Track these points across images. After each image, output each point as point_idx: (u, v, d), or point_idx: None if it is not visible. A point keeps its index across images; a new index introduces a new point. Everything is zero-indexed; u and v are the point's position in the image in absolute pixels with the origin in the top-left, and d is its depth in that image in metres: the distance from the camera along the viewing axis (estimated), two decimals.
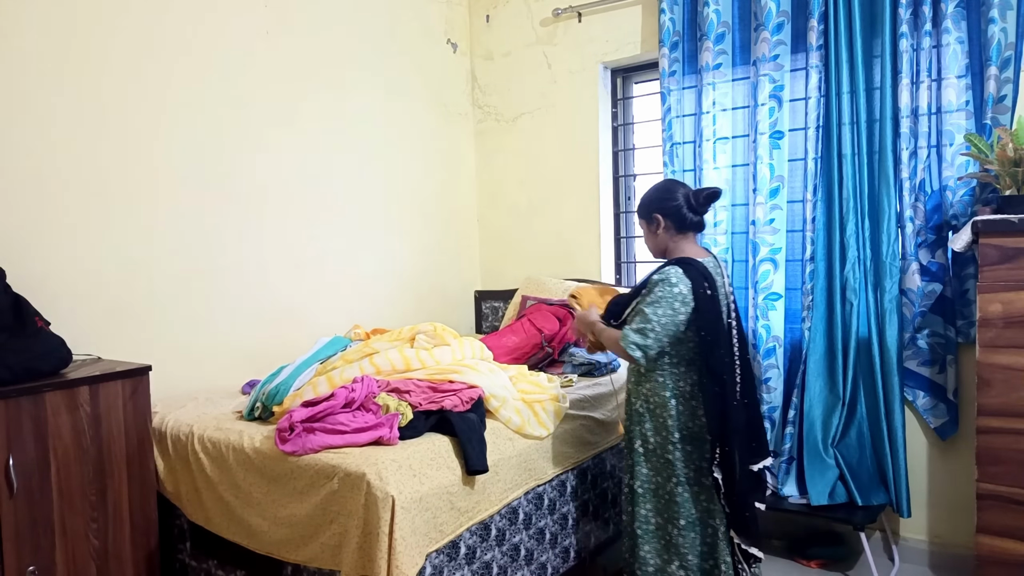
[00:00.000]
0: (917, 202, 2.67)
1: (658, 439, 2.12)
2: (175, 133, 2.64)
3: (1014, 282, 2.01)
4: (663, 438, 2.10)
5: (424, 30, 3.72)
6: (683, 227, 2.15)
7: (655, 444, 2.13)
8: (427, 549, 1.85)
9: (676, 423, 2.08)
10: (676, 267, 2.03)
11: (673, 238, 2.16)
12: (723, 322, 2.05)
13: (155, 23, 2.57)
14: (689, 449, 2.08)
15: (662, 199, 2.16)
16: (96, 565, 2.05)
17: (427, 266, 3.76)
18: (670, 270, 2.02)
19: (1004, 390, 2.03)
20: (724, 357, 2.03)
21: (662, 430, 2.10)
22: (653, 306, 1.99)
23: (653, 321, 1.98)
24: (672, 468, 2.09)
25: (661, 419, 2.10)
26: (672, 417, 2.08)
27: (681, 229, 2.15)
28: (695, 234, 2.19)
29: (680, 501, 2.08)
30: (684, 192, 2.15)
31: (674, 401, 2.08)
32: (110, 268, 2.46)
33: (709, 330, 2.00)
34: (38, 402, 1.92)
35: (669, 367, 2.09)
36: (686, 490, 2.08)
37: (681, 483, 2.08)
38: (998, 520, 2.05)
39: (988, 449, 2.07)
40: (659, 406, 2.10)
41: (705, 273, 2.03)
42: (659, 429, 2.11)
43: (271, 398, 2.21)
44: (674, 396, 2.08)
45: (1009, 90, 2.48)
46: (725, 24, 3.05)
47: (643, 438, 2.15)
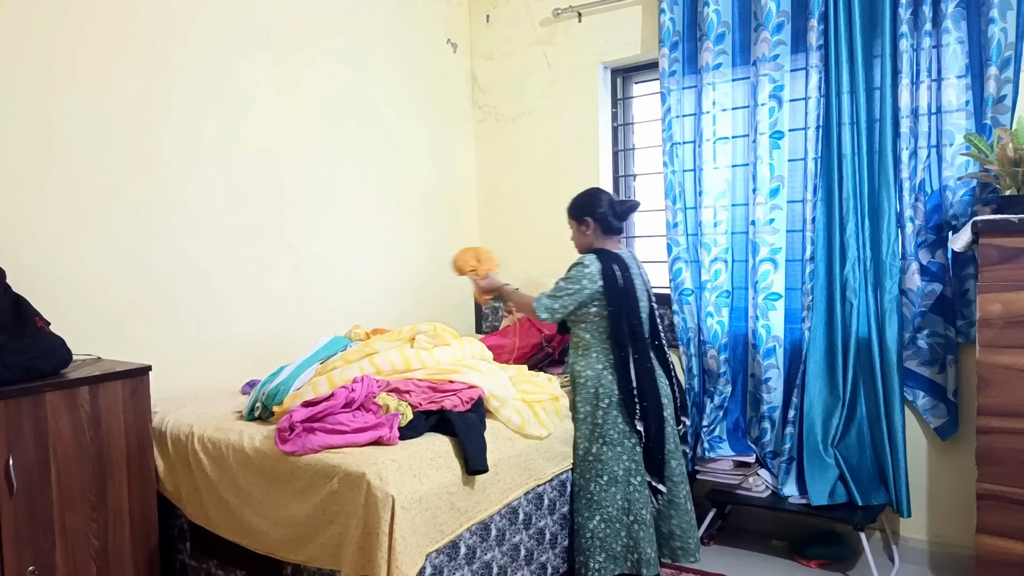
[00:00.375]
0: (917, 202, 2.67)
1: (588, 408, 2.47)
2: (175, 133, 2.63)
3: (1014, 282, 2.01)
4: (593, 406, 2.46)
5: (424, 30, 3.72)
6: (608, 231, 2.59)
7: (585, 413, 2.48)
8: (427, 549, 1.85)
9: (605, 391, 2.44)
10: (592, 254, 2.51)
11: (599, 239, 2.59)
12: (629, 299, 2.48)
13: (155, 23, 2.57)
14: (615, 414, 2.43)
15: (593, 205, 2.59)
16: (96, 565, 2.05)
17: (427, 266, 3.76)
18: (586, 257, 2.50)
19: (1004, 390, 2.03)
20: (629, 328, 2.46)
21: (592, 399, 2.46)
22: (566, 280, 2.49)
23: (564, 290, 2.47)
24: (599, 430, 2.44)
25: (592, 389, 2.46)
26: (603, 386, 2.45)
27: (607, 232, 2.59)
28: (616, 237, 2.62)
29: (604, 459, 2.42)
30: (609, 200, 2.60)
31: (606, 372, 2.46)
32: (110, 268, 2.46)
33: (613, 302, 2.45)
34: (38, 402, 1.92)
35: (597, 343, 2.49)
36: (610, 450, 2.42)
37: (607, 443, 2.42)
38: (998, 520, 2.05)
39: (988, 449, 2.07)
40: (590, 378, 2.48)
41: (617, 260, 2.50)
42: (588, 399, 2.47)
43: (271, 398, 2.21)
44: (605, 368, 2.47)
45: (1009, 90, 2.48)
46: (725, 24, 3.05)
47: (575, 408, 2.52)
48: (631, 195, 3.75)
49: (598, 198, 2.61)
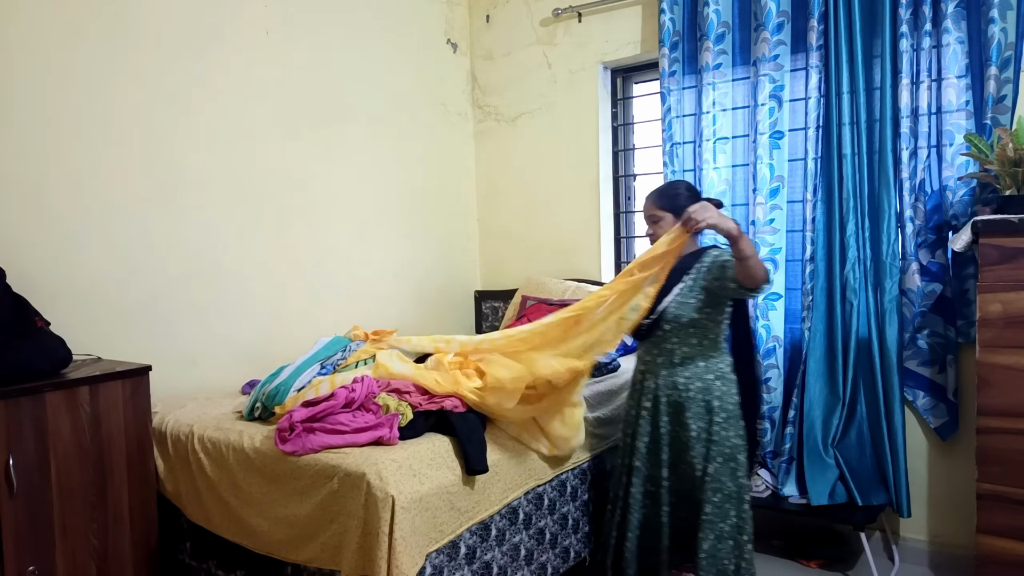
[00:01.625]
0: (917, 202, 2.67)
1: (702, 423, 2.21)
2: (175, 133, 2.63)
3: (1014, 282, 2.01)
4: (706, 422, 2.20)
5: (424, 30, 3.72)
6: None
7: (698, 429, 2.21)
8: (427, 549, 1.85)
9: (720, 404, 2.20)
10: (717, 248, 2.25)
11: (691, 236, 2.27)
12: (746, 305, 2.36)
13: (155, 24, 2.56)
14: (729, 427, 2.20)
15: (693, 198, 2.28)
16: (96, 565, 2.05)
17: (427, 266, 3.76)
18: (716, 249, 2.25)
19: (1004, 390, 2.03)
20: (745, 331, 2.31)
21: (706, 413, 2.20)
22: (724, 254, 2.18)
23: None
24: (715, 447, 2.19)
25: (704, 402, 2.20)
26: (717, 398, 2.20)
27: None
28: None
29: (716, 475, 2.18)
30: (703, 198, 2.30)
31: (719, 383, 2.21)
32: (110, 268, 2.46)
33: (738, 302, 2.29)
34: (38, 402, 1.92)
35: (709, 349, 2.23)
36: (725, 465, 2.19)
37: (723, 459, 2.19)
38: (998, 520, 2.05)
39: (988, 449, 2.07)
40: (702, 391, 2.21)
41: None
42: (702, 413, 2.21)
43: (271, 399, 2.20)
44: (718, 378, 2.22)
45: (1009, 90, 2.48)
46: (725, 24, 3.05)
47: (684, 426, 2.23)
48: (631, 195, 3.75)
49: (693, 190, 2.36)
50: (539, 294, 3.51)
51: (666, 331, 2.25)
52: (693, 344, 2.22)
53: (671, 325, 2.23)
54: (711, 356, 2.23)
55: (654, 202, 2.33)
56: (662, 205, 2.30)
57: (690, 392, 2.22)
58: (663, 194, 2.34)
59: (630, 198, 3.74)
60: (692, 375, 2.22)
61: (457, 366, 2.33)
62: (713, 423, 2.19)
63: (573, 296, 3.38)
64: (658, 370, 2.27)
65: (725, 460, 2.19)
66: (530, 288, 3.62)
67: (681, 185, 2.38)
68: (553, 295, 3.44)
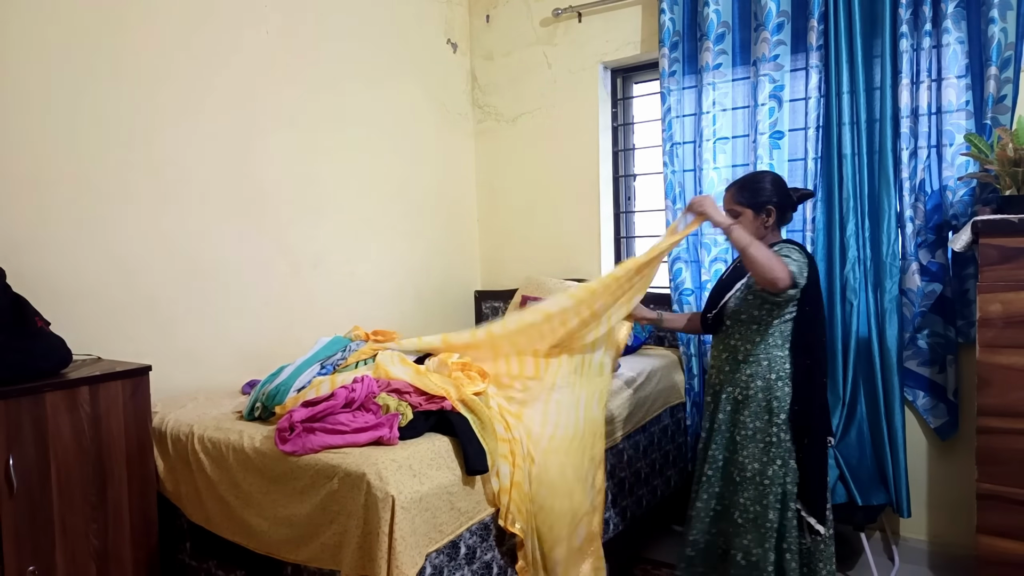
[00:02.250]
0: (917, 202, 2.67)
1: (759, 423, 2.15)
2: (175, 133, 2.63)
3: (1014, 282, 2.01)
4: (766, 421, 2.14)
5: (424, 30, 3.72)
6: (783, 222, 2.26)
7: (755, 428, 2.15)
8: (427, 549, 1.85)
9: (783, 404, 2.12)
10: (793, 245, 2.15)
11: (773, 231, 2.23)
12: (823, 308, 2.20)
13: (155, 23, 2.56)
14: (787, 429, 2.12)
15: (782, 193, 2.21)
16: (96, 565, 2.05)
17: (427, 266, 3.76)
18: (788, 247, 2.13)
19: (1004, 390, 2.03)
20: (820, 336, 2.16)
21: (765, 413, 2.14)
22: (789, 257, 2.07)
23: (797, 263, 2.06)
24: (776, 449, 2.12)
25: (765, 402, 2.14)
26: (778, 399, 2.12)
27: (780, 224, 2.25)
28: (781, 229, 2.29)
29: (780, 482, 2.12)
30: (785, 185, 2.24)
31: (780, 383, 2.13)
32: (110, 268, 2.46)
33: (813, 304, 2.13)
34: (38, 402, 1.92)
35: (774, 349, 2.15)
36: (782, 470, 2.12)
37: (783, 464, 2.12)
38: (998, 520, 2.05)
39: (988, 449, 2.06)
40: (763, 389, 2.14)
41: (812, 259, 2.16)
42: (761, 413, 2.15)
43: (271, 399, 2.20)
44: (780, 378, 2.13)
45: (1009, 90, 2.48)
46: (725, 24, 3.05)
47: (741, 424, 2.17)
48: (631, 195, 3.75)
49: (779, 183, 2.23)
50: (539, 294, 3.50)
51: (728, 326, 2.22)
52: (756, 341, 2.16)
53: (731, 320, 2.20)
54: (776, 355, 2.14)
55: (733, 196, 2.22)
56: (741, 200, 2.20)
57: (750, 390, 2.16)
58: (743, 187, 2.22)
59: (630, 198, 3.74)
60: (754, 373, 2.16)
61: (459, 367, 2.32)
62: (772, 424, 2.12)
63: None
64: (722, 365, 2.24)
65: (784, 464, 2.12)
66: (530, 288, 3.62)
67: (766, 177, 2.23)
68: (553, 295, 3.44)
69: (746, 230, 2.11)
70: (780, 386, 2.13)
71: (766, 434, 2.14)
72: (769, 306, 2.13)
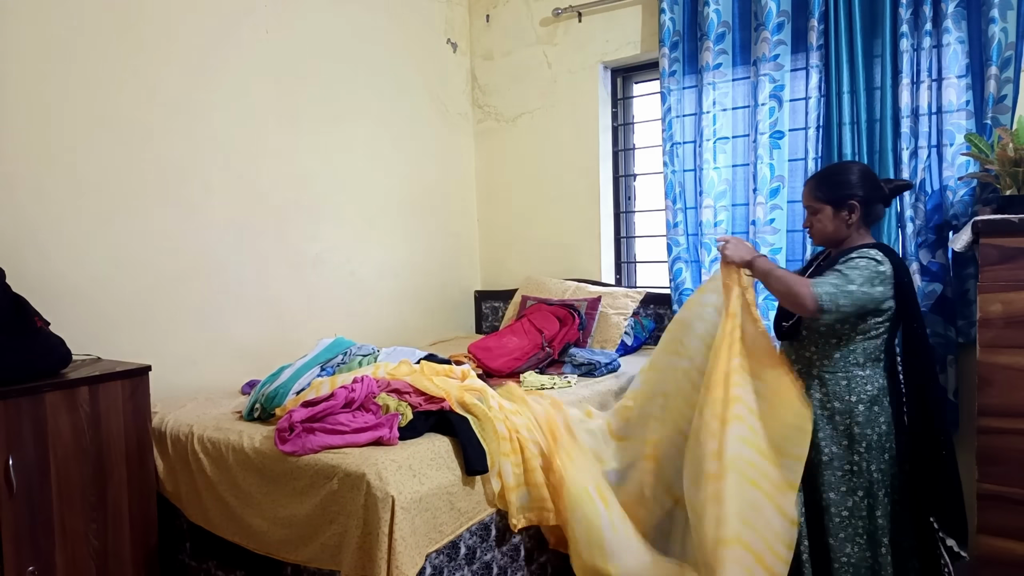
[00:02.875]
0: (917, 202, 2.66)
1: (836, 449, 1.98)
2: (175, 133, 2.64)
3: (1014, 282, 2.01)
4: (844, 448, 1.97)
5: (424, 30, 3.72)
6: (871, 220, 2.05)
7: (831, 455, 1.99)
8: (427, 549, 1.85)
9: (862, 431, 1.96)
10: (875, 250, 1.93)
11: (858, 229, 2.04)
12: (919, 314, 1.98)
13: (155, 24, 2.56)
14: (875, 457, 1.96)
15: (869, 187, 2.00)
16: (96, 565, 2.05)
17: (427, 266, 3.76)
18: (871, 250, 1.92)
19: (1004, 390, 2.02)
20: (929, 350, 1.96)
21: (843, 438, 1.97)
22: (852, 270, 1.87)
23: (854, 283, 1.85)
24: (858, 479, 1.97)
25: (843, 426, 1.97)
26: (859, 424, 1.96)
27: (868, 221, 2.05)
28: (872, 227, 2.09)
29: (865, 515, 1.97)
30: (876, 177, 2.04)
31: (861, 407, 1.96)
32: (110, 268, 2.46)
33: (915, 316, 1.94)
34: (38, 402, 1.92)
35: (854, 367, 1.97)
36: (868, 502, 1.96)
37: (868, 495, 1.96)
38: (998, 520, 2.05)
39: (988, 449, 2.06)
40: (840, 412, 1.97)
41: (902, 263, 1.97)
42: (838, 437, 1.98)
43: (270, 400, 2.20)
44: (860, 401, 1.96)
45: (1009, 90, 2.47)
46: (725, 24, 3.05)
47: (815, 447, 1.97)
48: (631, 195, 3.75)
49: (868, 175, 2.01)
50: (539, 294, 3.51)
51: (804, 336, 2.04)
52: (835, 357, 1.98)
53: (808, 331, 2.02)
54: (856, 374, 1.96)
55: (811, 190, 2.05)
56: (819, 195, 2.02)
57: (827, 411, 1.99)
58: (824, 178, 2.05)
59: (630, 198, 3.74)
60: (831, 393, 1.99)
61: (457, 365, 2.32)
62: (854, 452, 1.96)
63: (573, 296, 3.39)
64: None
65: (870, 498, 1.96)
66: (530, 288, 3.62)
67: (852, 168, 2.04)
68: (553, 295, 3.44)
69: (825, 228, 2.01)
70: (861, 410, 1.95)
71: (846, 461, 1.97)
72: (858, 319, 1.93)
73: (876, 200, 2.03)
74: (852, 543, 1.97)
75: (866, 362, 1.98)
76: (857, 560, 1.97)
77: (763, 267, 1.98)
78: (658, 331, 3.45)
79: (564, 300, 3.34)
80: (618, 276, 3.74)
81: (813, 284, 1.86)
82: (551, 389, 2.61)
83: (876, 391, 1.97)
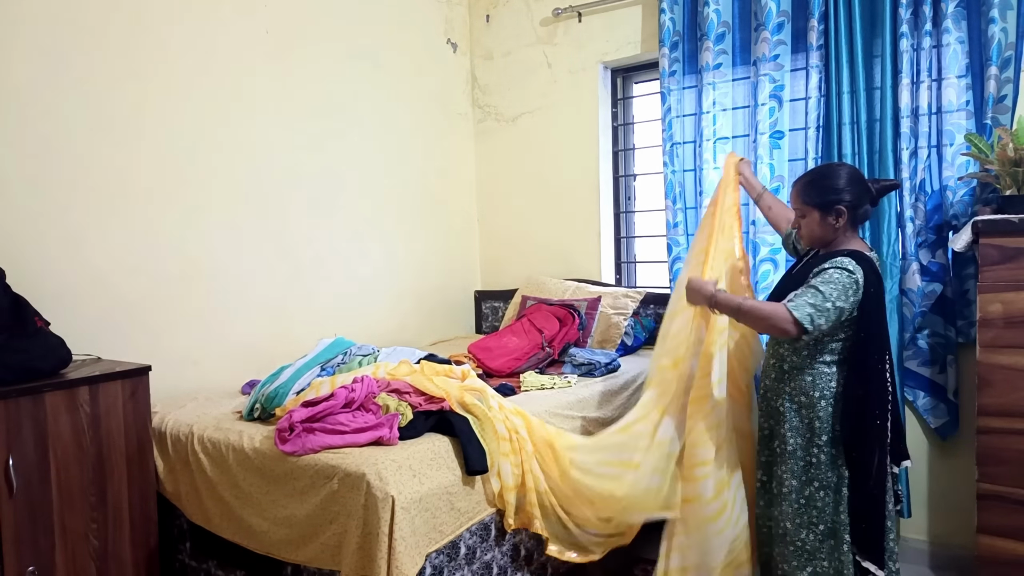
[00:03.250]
0: (917, 202, 2.66)
1: (800, 440, 2.05)
2: (175, 133, 2.63)
3: (1014, 282, 2.01)
4: (807, 440, 2.03)
5: (424, 30, 3.72)
6: (858, 222, 2.07)
7: (795, 445, 2.05)
8: (427, 549, 1.85)
9: (824, 425, 2.00)
10: (850, 259, 1.94)
11: (846, 232, 2.05)
12: (884, 325, 2.02)
13: (155, 23, 2.56)
14: (834, 453, 2.00)
15: (856, 190, 2.00)
16: (96, 565, 2.05)
17: (427, 266, 3.76)
18: (846, 260, 1.93)
19: (1004, 390, 2.03)
20: (876, 362, 1.96)
21: (806, 431, 2.03)
22: (827, 285, 1.89)
23: (829, 299, 1.88)
24: (815, 471, 2.02)
25: (807, 420, 2.03)
26: (820, 419, 2.01)
27: (855, 224, 2.06)
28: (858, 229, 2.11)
29: (820, 506, 2.01)
30: (863, 179, 2.04)
31: (823, 402, 2.01)
32: (110, 268, 2.46)
33: (868, 330, 1.96)
34: (38, 402, 1.92)
35: (821, 365, 2.02)
36: (828, 495, 2.01)
37: (824, 487, 2.01)
38: (998, 520, 2.05)
39: (988, 449, 2.06)
40: (806, 406, 2.03)
41: (875, 270, 1.98)
42: (803, 430, 2.04)
43: (270, 400, 2.20)
44: (823, 397, 2.01)
45: (1009, 90, 2.47)
46: (725, 24, 3.05)
47: (781, 438, 2.08)
48: (631, 195, 3.75)
49: (854, 178, 2.01)
50: (539, 294, 3.51)
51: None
52: (804, 355, 2.04)
53: None
54: (822, 371, 2.01)
55: (798, 193, 2.06)
56: (807, 199, 2.04)
57: (792, 404, 2.06)
58: (811, 183, 2.05)
59: (630, 198, 3.74)
60: (797, 388, 2.05)
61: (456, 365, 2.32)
62: (813, 444, 2.02)
63: (573, 296, 3.39)
64: (769, 372, 2.17)
65: (830, 490, 2.01)
66: (530, 288, 3.62)
67: (840, 172, 2.03)
68: (553, 295, 3.44)
69: (812, 232, 2.04)
70: (823, 405, 2.00)
71: (807, 453, 2.03)
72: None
73: (863, 203, 2.04)
74: (808, 530, 2.04)
75: (832, 361, 2.03)
76: (811, 548, 2.04)
77: (728, 303, 2.02)
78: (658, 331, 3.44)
79: (564, 300, 3.34)
80: (618, 276, 3.74)
81: (792, 308, 1.88)
82: (551, 389, 2.61)
83: (839, 388, 2.02)
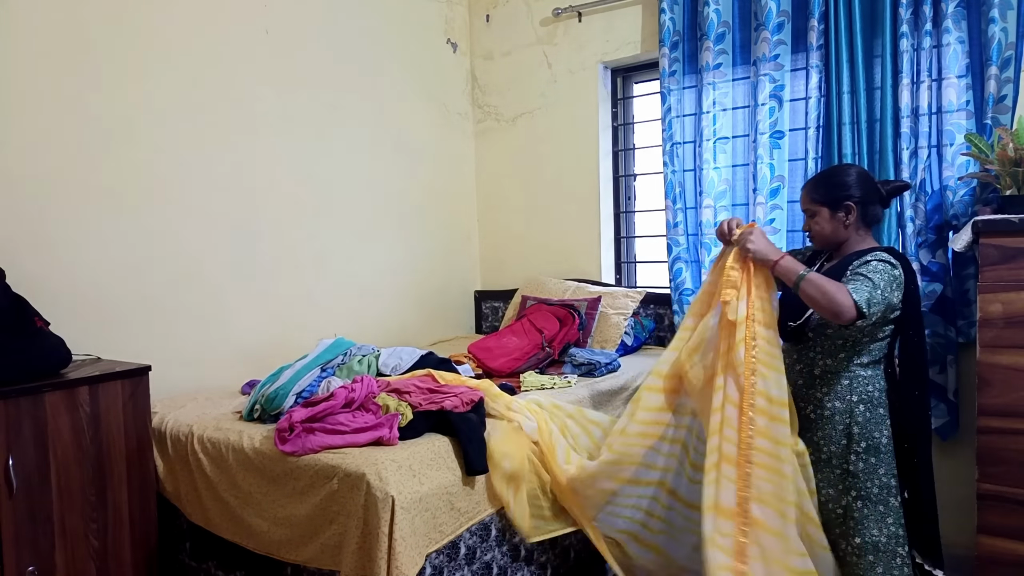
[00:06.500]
0: (917, 202, 2.66)
1: (833, 448, 1.96)
2: (175, 133, 2.63)
3: (1014, 282, 2.01)
4: (842, 447, 1.95)
5: (424, 30, 3.72)
6: (870, 221, 2.04)
7: (830, 454, 1.97)
8: (427, 549, 1.85)
9: (861, 431, 1.93)
10: (889, 254, 1.90)
11: (858, 231, 2.02)
12: (922, 319, 1.98)
13: (155, 23, 2.56)
14: (873, 461, 1.93)
15: (865, 188, 2.00)
16: (96, 565, 2.05)
17: (427, 266, 3.76)
18: (885, 254, 1.89)
19: (1004, 390, 2.02)
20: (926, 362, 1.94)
21: (842, 438, 1.95)
22: (877, 275, 1.82)
23: (879, 287, 1.80)
24: (852, 480, 1.94)
25: (842, 426, 1.95)
26: (858, 424, 1.94)
27: (868, 223, 2.04)
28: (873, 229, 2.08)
29: (858, 517, 1.93)
30: (872, 179, 2.04)
31: (862, 407, 1.94)
32: (110, 268, 2.46)
33: (917, 328, 1.93)
34: (38, 402, 1.92)
35: (857, 368, 1.96)
36: (868, 507, 1.93)
37: (864, 498, 1.93)
38: (998, 520, 2.05)
39: (988, 449, 2.06)
40: (841, 412, 1.96)
41: (911, 268, 1.95)
42: (834, 437, 1.96)
43: (270, 401, 2.20)
44: (861, 401, 1.94)
45: (1009, 90, 2.47)
46: (725, 24, 3.05)
47: (815, 446, 1.98)
48: (631, 195, 3.75)
49: (864, 177, 2.02)
50: (539, 294, 3.51)
51: (810, 339, 2.01)
52: (840, 358, 1.96)
53: (815, 333, 1.99)
54: (859, 374, 1.95)
55: (808, 192, 2.05)
56: (816, 196, 2.03)
57: (826, 410, 1.97)
58: (820, 181, 2.05)
59: (630, 198, 3.74)
60: (831, 392, 1.97)
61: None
62: (851, 451, 1.94)
63: (573, 296, 3.39)
64: (795, 379, 2.04)
65: (869, 502, 1.92)
66: (530, 288, 3.62)
67: (849, 171, 2.03)
68: (553, 295, 3.44)
69: (823, 230, 2.01)
70: (862, 410, 1.93)
71: (843, 461, 1.95)
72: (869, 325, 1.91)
73: (873, 201, 2.03)
74: (845, 540, 1.96)
75: (869, 363, 1.97)
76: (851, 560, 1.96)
77: (792, 269, 1.84)
78: (658, 331, 3.45)
79: (564, 300, 3.34)
80: (618, 276, 3.74)
81: (852, 291, 1.78)
82: (551, 389, 2.61)
83: (877, 392, 1.96)
